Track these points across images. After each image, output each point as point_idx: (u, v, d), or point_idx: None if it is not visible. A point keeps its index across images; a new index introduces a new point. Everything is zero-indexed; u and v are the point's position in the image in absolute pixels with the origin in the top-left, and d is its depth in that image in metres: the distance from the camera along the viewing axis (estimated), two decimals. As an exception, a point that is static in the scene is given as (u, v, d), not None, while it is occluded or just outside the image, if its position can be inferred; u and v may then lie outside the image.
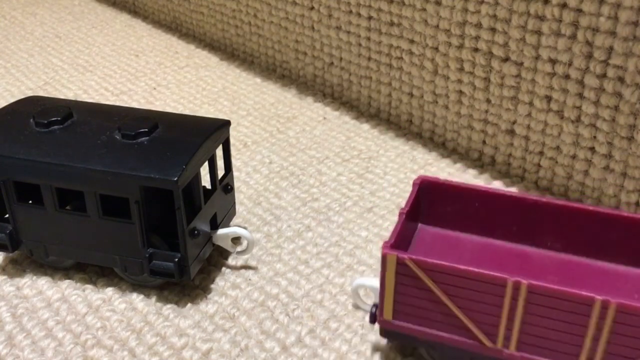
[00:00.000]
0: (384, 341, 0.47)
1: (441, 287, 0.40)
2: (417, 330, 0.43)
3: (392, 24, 0.71)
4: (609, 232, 0.45)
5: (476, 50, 0.64)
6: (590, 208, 0.45)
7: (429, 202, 0.48)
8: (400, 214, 0.45)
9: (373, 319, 0.44)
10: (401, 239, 0.44)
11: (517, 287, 0.39)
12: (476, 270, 0.39)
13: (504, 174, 0.67)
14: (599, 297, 0.37)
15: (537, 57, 0.59)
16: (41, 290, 0.52)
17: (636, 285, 0.44)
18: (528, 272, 0.45)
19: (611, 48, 0.54)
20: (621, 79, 0.54)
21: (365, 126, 0.77)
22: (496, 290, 0.39)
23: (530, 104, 0.62)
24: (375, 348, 0.47)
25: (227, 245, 0.54)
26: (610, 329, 0.38)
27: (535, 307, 0.39)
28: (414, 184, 0.48)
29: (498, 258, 0.47)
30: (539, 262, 0.46)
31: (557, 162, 0.62)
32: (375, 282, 0.44)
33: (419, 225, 0.49)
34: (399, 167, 0.69)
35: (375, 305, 0.44)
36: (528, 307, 0.39)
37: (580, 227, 0.46)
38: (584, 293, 0.38)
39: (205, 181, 0.52)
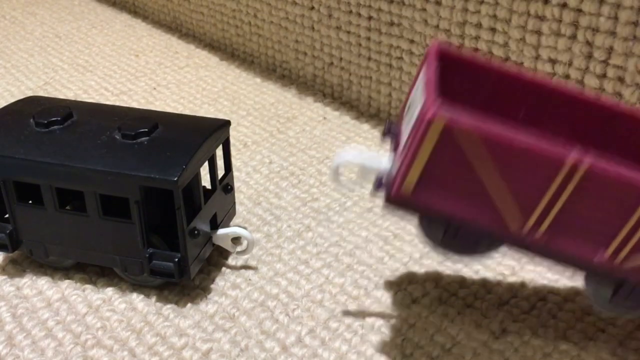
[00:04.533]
0: (384, 342, 0.47)
1: (490, 159, 0.36)
2: (438, 204, 0.38)
3: (392, 24, 0.71)
4: (618, 129, 0.43)
5: (476, 50, 0.64)
6: (608, 103, 0.42)
7: (442, 73, 0.42)
8: (430, 70, 0.38)
9: (380, 186, 0.39)
10: None
11: (575, 165, 0.35)
12: (539, 143, 0.35)
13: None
14: None
15: (537, 57, 0.59)
16: (41, 290, 0.52)
17: None
18: None
19: (611, 48, 0.54)
20: (621, 79, 0.54)
21: (365, 126, 0.77)
22: (552, 166, 0.36)
23: (530, 104, 0.62)
24: (375, 348, 0.47)
25: (227, 245, 0.54)
26: None
27: (587, 188, 0.36)
28: (429, 52, 0.42)
29: None
30: None
31: (557, 162, 0.62)
32: (364, 159, 0.40)
33: None
34: (399, 167, 0.69)
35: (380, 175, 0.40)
36: (579, 188, 0.36)
37: (589, 119, 0.43)
38: None
39: (205, 181, 0.52)
